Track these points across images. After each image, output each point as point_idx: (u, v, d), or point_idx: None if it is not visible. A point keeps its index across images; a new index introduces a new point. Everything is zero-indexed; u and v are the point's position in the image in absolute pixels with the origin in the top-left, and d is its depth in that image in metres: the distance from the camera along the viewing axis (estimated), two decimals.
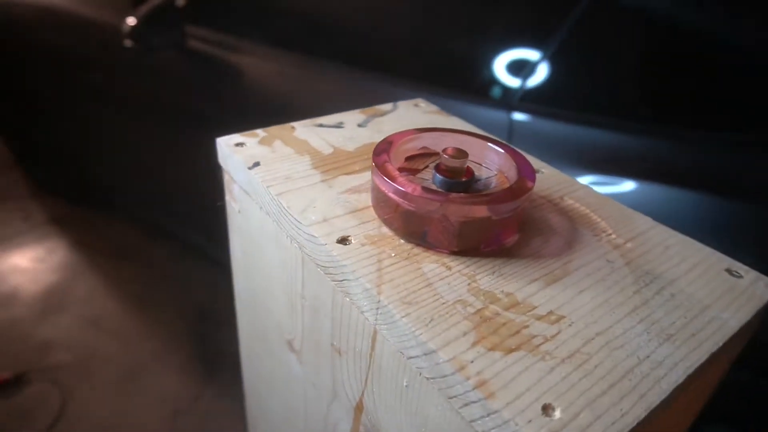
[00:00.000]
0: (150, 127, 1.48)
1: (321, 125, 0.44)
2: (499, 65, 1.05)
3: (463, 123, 0.47)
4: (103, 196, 1.99)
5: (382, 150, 0.33)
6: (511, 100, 1.04)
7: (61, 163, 1.93)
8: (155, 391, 1.49)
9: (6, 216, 1.98)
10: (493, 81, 1.05)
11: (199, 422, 1.42)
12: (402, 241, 0.31)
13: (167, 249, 1.94)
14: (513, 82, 1.03)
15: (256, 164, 0.37)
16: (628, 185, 0.95)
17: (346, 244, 0.31)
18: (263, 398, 0.51)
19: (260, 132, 0.42)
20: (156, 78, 1.41)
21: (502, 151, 0.34)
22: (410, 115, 0.47)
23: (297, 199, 0.34)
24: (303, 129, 0.43)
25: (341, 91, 1.14)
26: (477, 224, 0.30)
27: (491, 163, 0.35)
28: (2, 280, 1.74)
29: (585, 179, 0.90)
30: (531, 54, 1.03)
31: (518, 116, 1.05)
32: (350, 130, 0.44)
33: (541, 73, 1.01)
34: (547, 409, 0.22)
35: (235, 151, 0.39)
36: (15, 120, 1.91)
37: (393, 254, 0.30)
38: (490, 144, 0.35)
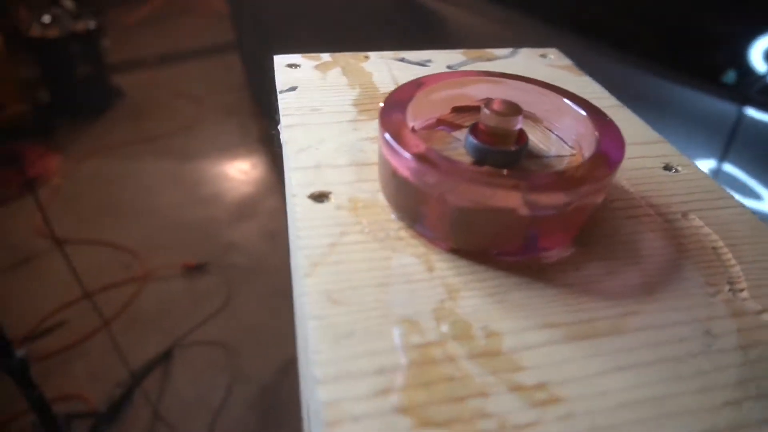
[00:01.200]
0: None
1: (403, 59, 0.35)
2: (747, 45, 0.81)
3: (598, 87, 0.34)
4: None
5: (400, 95, 0.24)
6: (747, 89, 0.80)
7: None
8: None
9: (229, 129, 2.26)
10: (731, 63, 0.81)
11: None
12: (393, 216, 0.22)
13: None
14: (759, 68, 0.78)
15: (292, 89, 0.31)
16: None
17: (320, 202, 0.23)
18: None
19: (325, 56, 0.35)
20: (359, 23, 1.42)
21: (583, 112, 0.22)
22: (526, 65, 0.36)
23: (304, 135, 0.27)
24: (377, 60, 0.35)
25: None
26: (491, 217, 0.19)
27: (568, 132, 0.23)
28: (211, 183, 2.01)
29: None
30: None
31: (753, 113, 0.80)
32: (434, 71, 0.34)
33: None
34: None
35: (283, 72, 0.33)
36: (250, 46, 2.14)
37: (367, 230, 0.22)
38: (566, 100, 0.23)
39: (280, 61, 0.34)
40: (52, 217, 1.81)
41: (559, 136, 0.24)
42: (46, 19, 2.10)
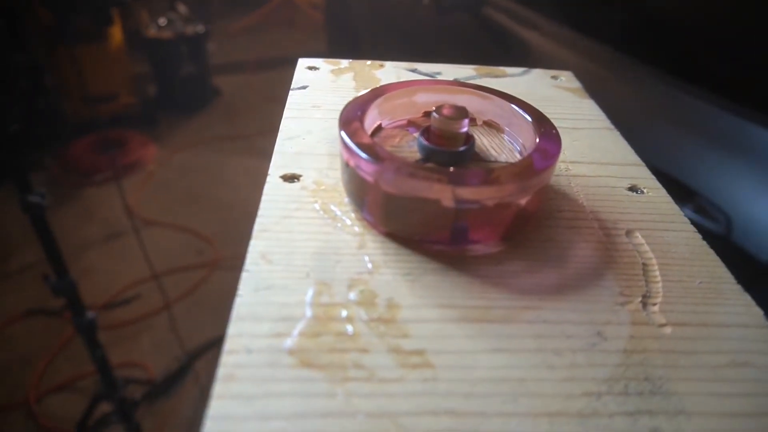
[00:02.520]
0: None
1: (414, 70, 0.38)
2: None
3: (599, 112, 0.35)
4: None
5: (371, 94, 0.26)
6: None
7: None
8: None
9: None
10: None
11: None
12: (345, 200, 0.25)
13: None
14: None
15: (302, 87, 0.34)
16: None
17: (290, 182, 0.26)
18: None
19: (344, 62, 0.38)
20: (445, 40, 1.45)
21: (529, 118, 0.24)
22: (533, 85, 0.37)
23: (295, 125, 0.30)
24: (391, 70, 0.38)
25: (636, 102, 0.93)
26: (418, 205, 0.22)
27: (519, 139, 0.25)
28: None
29: None
30: None
31: None
32: None
33: None
34: None
35: (301, 72, 0.36)
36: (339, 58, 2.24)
37: (319, 209, 0.24)
38: (515, 107, 0.24)
39: (302, 63, 0.38)
40: (142, 200, 1.99)
41: (514, 144, 0.26)
42: (162, 21, 2.33)
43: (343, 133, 0.23)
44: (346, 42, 2.07)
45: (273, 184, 0.26)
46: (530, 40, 1.22)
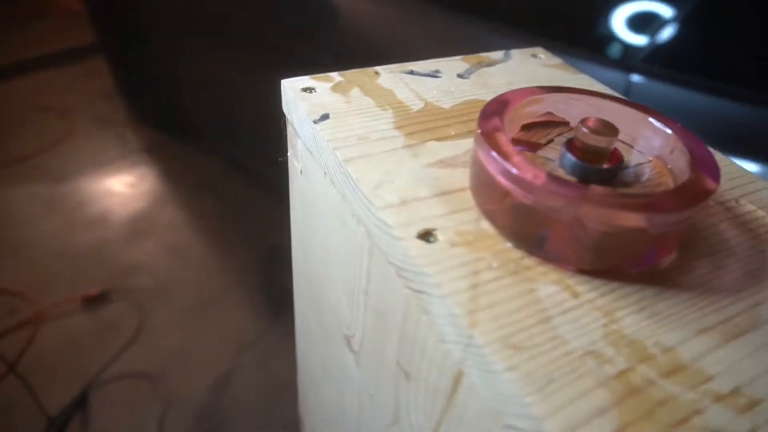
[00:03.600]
0: (241, 62, 1.44)
1: (412, 72, 0.35)
2: (622, 18, 0.89)
3: (597, 83, 0.36)
4: (193, 129, 2.02)
5: (493, 112, 0.24)
6: (632, 59, 0.89)
7: (156, 93, 1.95)
8: (223, 324, 1.52)
9: (106, 141, 2.05)
10: (613, 36, 0.89)
11: (261, 359, 1.44)
12: (509, 245, 0.22)
13: (247, 186, 1.95)
14: (637, 39, 0.87)
15: (325, 117, 0.29)
16: None
17: (429, 241, 0.22)
18: (317, 381, 0.45)
19: (336, 76, 0.33)
20: (248, 10, 1.35)
21: (669, 131, 0.24)
22: (525, 68, 0.37)
23: (369, 169, 0.26)
24: (389, 76, 0.34)
25: (441, 38, 1.02)
26: (625, 236, 0.20)
27: (646, 144, 0.25)
28: (97, 202, 1.82)
29: None
30: (662, 9, 0.87)
31: (638, 79, 0.90)
32: (448, 81, 0.34)
33: (671, 32, 0.84)
34: None
35: (302, 98, 0.31)
36: (119, 49, 1.95)
37: (495, 264, 0.21)
38: (650, 119, 0.24)
39: (291, 85, 0.32)
40: None
41: (637, 147, 0.26)
42: None
43: (508, 165, 0.21)
44: (122, 30, 1.80)
45: (418, 248, 0.22)
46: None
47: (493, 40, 0.95)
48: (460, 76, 0.35)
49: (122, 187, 1.89)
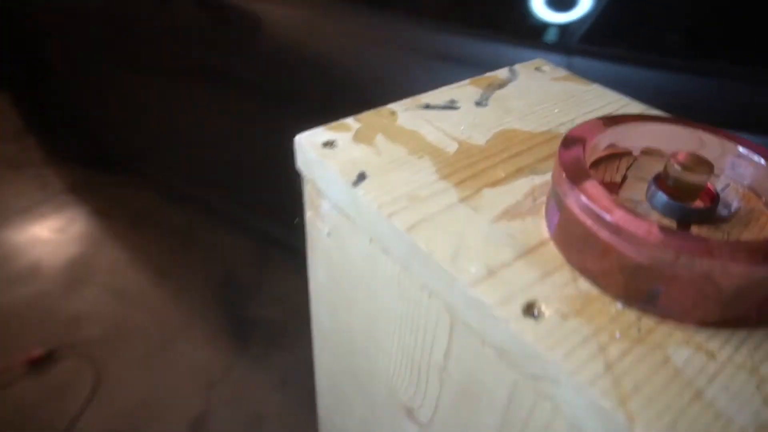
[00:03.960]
0: (162, 84, 1.36)
1: (428, 106, 0.32)
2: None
3: (609, 92, 0.35)
4: (120, 161, 1.89)
5: (575, 157, 0.21)
6: (569, 41, 0.90)
7: (75, 127, 1.81)
8: (187, 363, 1.44)
9: (23, 185, 1.88)
10: (539, 18, 0.90)
11: (234, 393, 1.37)
12: (619, 305, 0.20)
13: (187, 214, 1.85)
14: (565, 18, 0.88)
15: (362, 177, 0.26)
16: None
17: (535, 317, 0.20)
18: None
19: (352, 122, 0.30)
20: (169, 30, 1.27)
21: (762, 160, 0.22)
22: (537, 84, 0.35)
23: (438, 235, 0.23)
24: (406, 114, 0.31)
25: (364, 35, 1.00)
26: (756, 286, 0.19)
27: (727, 170, 0.24)
28: (24, 253, 1.67)
29: None
30: None
31: (579, 61, 0.91)
32: (469, 112, 0.32)
33: (601, 9, 0.86)
34: None
35: (326, 156, 0.27)
36: (26, 83, 1.79)
37: (618, 334, 0.19)
38: (733, 144, 0.23)
39: (309, 141, 0.28)
40: None
41: (714, 173, 0.24)
42: None
43: (616, 222, 0.19)
44: (28, 64, 1.65)
45: (528, 328, 0.19)
46: (261, 12, 1.16)
47: (418, 34, 0.94)
48: (478, 104, 0.33)
49: (51, 233, 1.74)
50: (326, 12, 1.07)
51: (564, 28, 0.90)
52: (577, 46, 0.90)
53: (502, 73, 0.36)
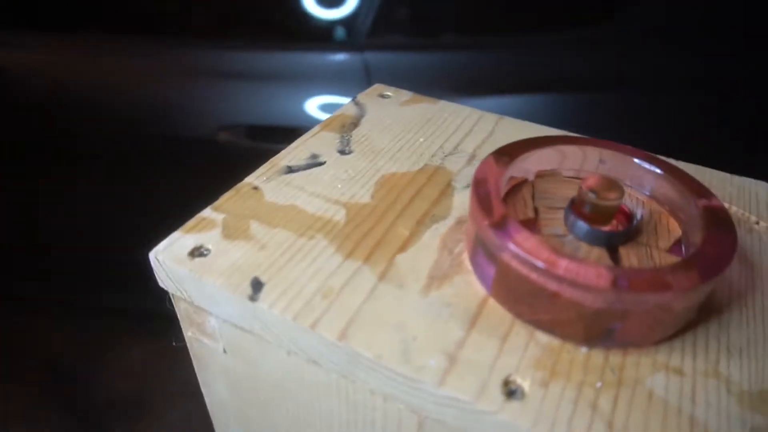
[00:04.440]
0: None
1: (290, 169, 0.28)
2: None
3: (461, 107, 0.34)
4: None
5: (488, 205, 0.20)
6: (357, 38, 0.91)
7: None
8: None
9: None
10: (317, 16, 0.90)
11: None
12: (583, 349, 0.20)
13: None
14: (338, 13, 0.90)
15: (258, 285, 0.21)
16: (507, 102, 0.91)
17: (516, 396, 0.18)
18: None
19: (213, 215, 0.25)
20: None
21: (659, 170, 0.23)
22: (391, 115, 0.33)
23: (376, 333, 0.20)
24: (271, 186, 0.27)
25: (136, 64, 0.91)
26: (701, 296, 0.19)
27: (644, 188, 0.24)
28: None
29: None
30: None
31: (371, 56, 0.93)
32: (338, 165, 0.29)
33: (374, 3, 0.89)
34: None
35: (199, 269, 0.22)
36: None
37: (598, 383, 0.18)
38: (637, 160, 0.23)
39: (171, 254, 0.22)
40: None
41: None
42: None
43: (565, 274, 0.18)
44: None
45: (515, 415, 0.17)
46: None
47: (189, 53, 0.89)
48: (342, 152, 0.30)
49: None
50: (89, 50, 0.94)
51: (348, 25, 0.91)
52: (367, 42, 0.92)
53: (348, 109, 0.34)
